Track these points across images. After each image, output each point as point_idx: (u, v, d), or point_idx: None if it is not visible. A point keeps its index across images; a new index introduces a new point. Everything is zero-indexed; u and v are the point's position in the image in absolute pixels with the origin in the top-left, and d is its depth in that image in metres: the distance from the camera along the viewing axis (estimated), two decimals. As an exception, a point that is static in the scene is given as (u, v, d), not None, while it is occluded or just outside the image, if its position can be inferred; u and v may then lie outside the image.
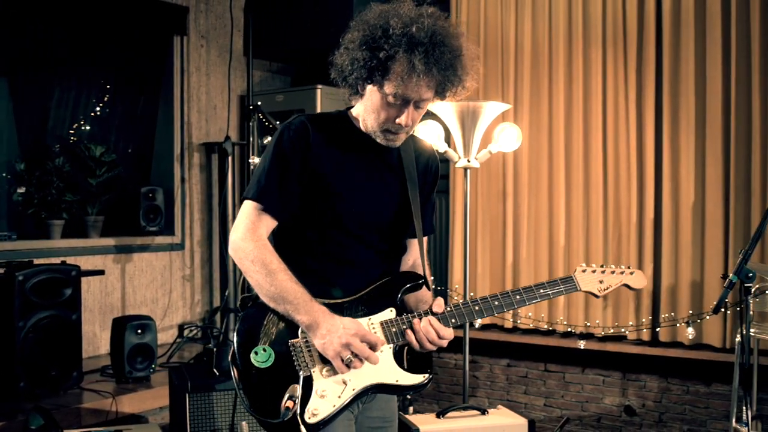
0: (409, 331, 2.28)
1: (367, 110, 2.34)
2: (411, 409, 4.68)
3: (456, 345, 3.92)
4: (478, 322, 5.54)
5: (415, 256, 2.54)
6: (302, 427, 2.16)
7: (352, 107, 2.46)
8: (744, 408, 3.19)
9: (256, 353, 2.24)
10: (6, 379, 4.33)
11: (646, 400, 5.27)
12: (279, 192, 2.32)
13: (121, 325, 4.70)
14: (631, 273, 2.45)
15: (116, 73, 6.08)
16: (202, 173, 6.18)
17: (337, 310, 2.28)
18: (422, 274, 2.47)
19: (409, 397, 4.70)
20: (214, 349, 3.69)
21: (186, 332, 5.81)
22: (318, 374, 2.24)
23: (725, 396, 4.92)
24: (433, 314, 2.30)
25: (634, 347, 5.25)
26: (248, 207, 2.33)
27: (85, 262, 5.08)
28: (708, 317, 4.98)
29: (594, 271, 2.43)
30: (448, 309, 2.32)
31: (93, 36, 5.83)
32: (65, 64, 5.83)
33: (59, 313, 4.49)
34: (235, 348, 2.29)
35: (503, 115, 5.19)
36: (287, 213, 2.35)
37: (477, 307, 2.34)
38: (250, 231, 2.29)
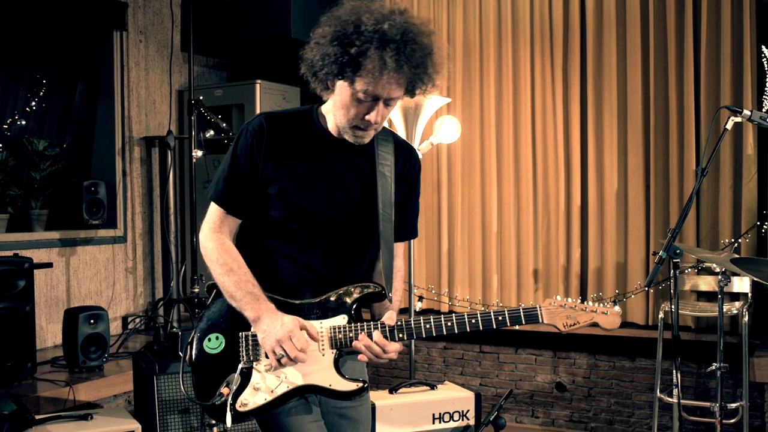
0: (356, 343, 2.33)
1: (336, 106, 2.35)
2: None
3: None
4: (418, 306, 5.78)
5: (385, 260, 2.49)
6: (228, 413, 2.28)
7: (323, 103, 2.47)
8: (674, 371, 3.51)
9: (209, 339, 2.40)
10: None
11: (576, 376, 5.59)
12: (235, 194, 2.43)
13: (73, 316, 4.76)
14: (605, 312, 2.37)
15: (53, 67, 6.08)
16: (143, 167, 6.25)
17: (292, 310, 2.36)
18: (390, 278, 2.47)
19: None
20: (180, 333, 3.82)
21: (131, 324, 5.88)
22: (258, 367, 2.36)
23: (648, 370, 5.28)
24: (383, 327, 2.35)
25: (564, 327, 5.55)
26: (212, 208, 2.47)
27: (31, 256, 5.09)
28: (633, 296, 5.35)
29: (563, 306, 2.36)
30: (398, 324, 2.34)
31: (29, 30, 5.81)
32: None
33: (13, 305, 4.51)
34: (196, 331, 2.44)
35: (439, 109, 5.44)
36: (247, 211, 2.46)
37: (428, 326, 2.35)
38: (212, 231, 2.45)
